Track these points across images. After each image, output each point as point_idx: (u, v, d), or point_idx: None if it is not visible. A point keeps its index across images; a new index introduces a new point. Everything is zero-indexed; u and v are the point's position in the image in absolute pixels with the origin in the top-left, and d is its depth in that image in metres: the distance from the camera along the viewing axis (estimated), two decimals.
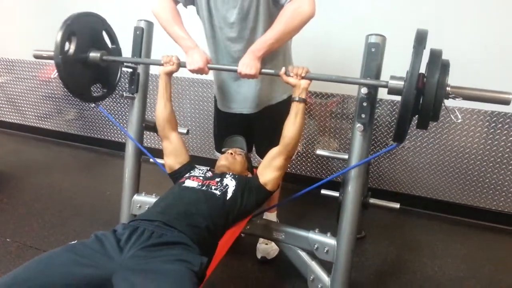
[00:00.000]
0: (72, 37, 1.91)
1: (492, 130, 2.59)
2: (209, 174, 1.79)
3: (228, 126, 2.18)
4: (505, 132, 2.56)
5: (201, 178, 1.74)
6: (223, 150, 2.02)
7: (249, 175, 1.97)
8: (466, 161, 2.71)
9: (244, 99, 2.06)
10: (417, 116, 1.46)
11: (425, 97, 1.39)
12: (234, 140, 2.04)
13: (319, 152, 1.91)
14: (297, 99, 1.66)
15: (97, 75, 2.09)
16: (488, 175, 2.68)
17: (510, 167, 2.62)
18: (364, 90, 1.61)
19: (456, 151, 2.71)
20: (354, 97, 2.76)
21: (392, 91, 1.52)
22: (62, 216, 2.71)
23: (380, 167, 2.94)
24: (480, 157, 2.67)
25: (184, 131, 2.12)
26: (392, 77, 1.52)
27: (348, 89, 2.82)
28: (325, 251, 1.85)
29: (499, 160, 2.63)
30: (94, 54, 1.98)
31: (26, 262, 1.23)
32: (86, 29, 1.98)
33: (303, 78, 1.64)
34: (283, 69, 1.66)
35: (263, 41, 1.71)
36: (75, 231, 2.53)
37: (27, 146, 4.04)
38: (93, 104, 2.16)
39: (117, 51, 2.15)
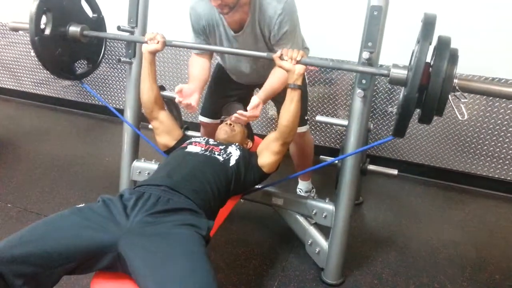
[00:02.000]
0: (47, 13, 1.79)
1: (491, 102, 2.57)
2: (212, 141, 1.79)
3: (225, 92, 2.16)
4: (503, 104, 2.55)
5: (203, 143, 1.74)
6: (222, 118, 2.01)
7: (250, 143, 1.97)
8: (465, 128, 2.71)
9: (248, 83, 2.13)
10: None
11: (429, 90, 1.26)
12: (232, 107, 2.02)
13: (319, 118, 1.90)
14: (292, 86, 1.57)
15: (80, 51, 2.00)
16: (487, 142, 2.69)
17: (509, 134, 2.62)
18: (365, 55, 1.58)
19: (455, 118, 2.70)
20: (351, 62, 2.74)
21: (394, 81, 1.43)
22: (61, 181, 2.72)
23: (379, 134, 2.94)
24: (479, 124, 2.66)
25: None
26: (395, 66, 1.43)
27: (346, 54, 2.78)
28: (323, 216, 1.87)
29: (497, 127, 2.63)
30: (73, 29, 1.88)
31: (32, 223, 1.25)
32: (63, 2, 1.85)
33: (298, 62, 1.55)
34: (279, 52, 1.57)
35: (269, 91, 1.79)
36: (75, 196, 2.54)
37: (24, 112, 4.01)
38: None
39: (100, 20, 2.07)
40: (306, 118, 2.18)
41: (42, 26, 1.81)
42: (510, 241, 2.31)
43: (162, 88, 2.17)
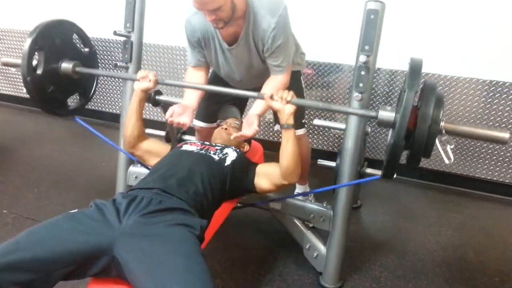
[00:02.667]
0: (39, 52, 1.80)
1: (490, 99, 2.58)
2: (208, 142, 1.78)
3: (222, 96, 2.15)
4: (502, 101, 2.55)
5: (199, 143, 1.73)
6: (217, 122, 2.00)
7: (247, 147, 1.96)
8: None
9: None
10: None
11: (416, 135, 1.29)
12: (228, 111, 2.01)
13: (317, 122, 1.89)
14: (285, 126, 1.55)
15: (72, 86, 2.01)
16: (485, 145, 2.69)
17: None
18: (362, 59, 1.58)
19: (453, 120, 2.70)
20: (348, 65, 2.74)
21: (382, 124, 1.44)
22: (57, 187, 2.70)
23: (377, 137, 2.94)
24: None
25: (180, 100, 2.08)
26: (383, 108, 1.44)
27: (343, 58, 2.79)
28: (321, 220, 1.86)
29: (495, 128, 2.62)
30: (66, 66, 1.89)
31: (27, 230, 1.23)
32: (55, 39, 1.87)
33: (288, 102, 1.53)
34: (269, 92, 1.57)
35: (264, 105, 1.74)
36: (71, 202, 2.53)
37: (20, 118, 3.99)
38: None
39: (92, 54, 2.08)
40: (303, 121, 2.17)
41: (35, 62, 1.82)
42: (509, 243, 2.30)
43: (158, 92, 2.16)
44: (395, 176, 1.92)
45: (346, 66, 2.83)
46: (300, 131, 2.14)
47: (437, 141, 1.32)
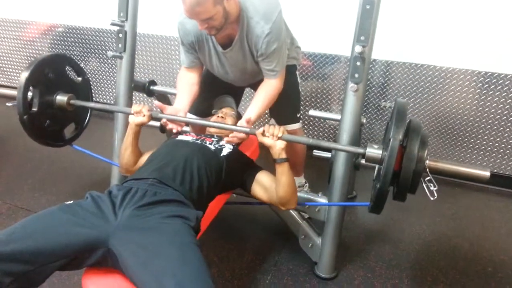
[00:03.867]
0: (33, 89, 1.84)
1: (485, 91, 2.58)
2: (204, 134, 1.78)
3: (215, 90, 2.14)
4: (497, 93, 2.56)
5: (194, 134, 1.73)
6: (213, 111, 1.99)
7: None
8: (459, 122, 2.71)
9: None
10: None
11: (403, 173, 1.36)
12: (223, 100, 2.01)
13: (312, 113, 1.89)
14: (278, 160, 1.55)
15: (67, 117, 2.05)
16: (479, 136, 2.70)
17: (501, 128, 2.63)
18: (358, 49, 1.57)
19: (448, 112, 2.71)
20: (344, 56, 2.73)
21: (369, 160, 1.49)
22: (52, 178, 2.69)
23: (372, 129, 2.94)
24: (472, 118, 2.67)
25: (175, 91, 2.10)
26: (370, 146, 1.49)
27: (339, 48, 2.78)
28: (316, 210, 1.87)
29: (490, 121, 2.64)
30: (60, 99, 1.92)
31: (21, 220, 1.23)
32: (48, 74, 1.89)
33: (279, 138, 1.54)
34: (261, 129, 1.57)
35: (260, 110, 1.80)
36: (66, 192, 2.52)
37: (14, 109, 3.95)
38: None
39: (85, 82, 2.10)
40: (298, 115, 2.17)
41: (29, 99, 1.85)
42: (502, 234, 2.32)
43: (153, 83, 2.16)
44: None
45: (342, 57, 2.82)
46: (296, 125, 2.14)
47: (422, 179, 1.43)
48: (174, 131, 1.79)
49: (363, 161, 1.96)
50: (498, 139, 2.66)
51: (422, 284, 1.92)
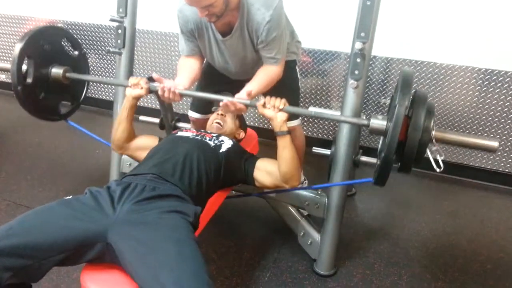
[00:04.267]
0: (28, 60, 1.79)
1: (485, 88, 2.57)
2: (204, 130, 1.77)
3: (215, 85, 2.13)
4: (498, 90, 2.55)
5: (194, 130, 1.72)
6: (212, 109, 1.99)
7: (242, 133, 1.96)
8: (458, 119, 2.71)
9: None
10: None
11: (408, 143, 1.32)
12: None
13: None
14: (279, 133, 1.55)
15: (63, 91, 2.00)
16: (479, 133, 2.69)
17: (501, 125, 2.62)
18: (358, 45, 1.56)
19: (448, 108, 2.70)
20: (344, 53, 2.73)
21: (374, 132, 1.46)
22: (51, 174, 2.69)
23: None
24: (471, 115, 2.67)
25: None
26: (375, 117, 1.46)
27: (339, 45, 2.77)
28: (315, 207, 1.87)
29: (490, 118, 2.63)
30: (56, 71, 1.88)
31: (20, 215, 1.23)
32: (44, 46, 1.86)
33: (280, 110, 1.54)
34: (262, 100, 1.57)
35: (259, 87, 1.75)
36: (65, 189, 2.52)
37: (13, 105, 3.92)
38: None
39: (82, 57, 2.07)
40: None
41: (24, 67, 1.81)
42: (501, 231, 2.32)
43: (151, 79, 2.14)
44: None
45: (342, 54, 2.81)
46: (295, 122, 2.13)
47: (428, 150, 1.38)
48: (171, 97, 1.74)
49: (362, 158, 1.97)
50: (498, 136, 2.66)
51: (421, 282, 1.92)
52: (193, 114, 2.24)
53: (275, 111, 1.54)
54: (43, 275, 1.20)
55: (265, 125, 3.17)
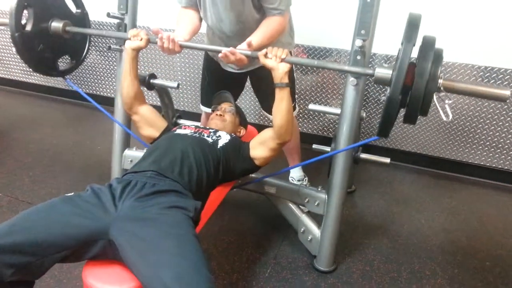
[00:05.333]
0: (28, 9, 1.76)
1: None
2: (202, 125, 1.78)
3: (219, 81, 2.14)
4: None
5: (193, 126, 1.73)
6: (212, 107, 1.99)
7: (243, 131, 1.97)
8: (458, 116, 2.71)
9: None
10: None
11: (413, 91, 1.26)
12: (222, 96, 2.00)
13: (312, 107, 1.89)
14: (279, 84, 1.56)
15: (63, 47, 1.98)
16: (478, 131, 2.70)
17: (500, 123, 2.63)
18: (358, 43, 1.57)
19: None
20: (344, 50, 2.73)
21: (379, 81, 1.43)
22: (52, 170, 2.70)
23: (372, 123, 2.95)
24: (471, 112, 2.67)
25: (175, 85, 2.09)
26: (380, 66, 1.43)
27: (339, 42, 2.77)
28: (316, 204, 1.88)
29: (489, 116, 2.64)
30: (56, 25, 1.85)
31: (22, 212, 1.24)
32: None
33: (282, 60, 1.54)
34: (264, 50, 1.55)
35: (262, 38, 1.70)
36: (67, 185, 2.53)
37: (14, 101, 3.96)
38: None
39: (83, 16, 2.04)
40: (293, 104, 2.14)
41: (24, 21, 1.77)
42: (500, 228, 2.33)
43: (153, 76, 2.15)
44: (389, 161, 1.95)
45: (342, 51, 2.81)
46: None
47: (435, 98, 1.30)
48: (171, 47, 1.72)
49: (362, 155, 1.98)
50: (497, 134, 2.66)
51: (420, 278, 1.93)
52: (205, 109, 2.25)
53: (277, 61, 1.53)
54: (45, 271, 1.21)
55: (266, 122, 3.18)
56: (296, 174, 2.48)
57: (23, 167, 2.73)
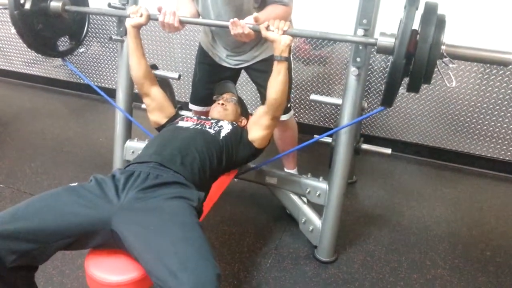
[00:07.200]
0: None
1: (486, 76, 2.57)
2: (204, 116, 1.78)
3: (210, 77, 2.11)
4: (499, 78, 2.54)
5: (195, 118, 1.74)
6: (214, 97, 1.99)
7: (244, 121, 1.96)
8: (459, 107, 2.71)
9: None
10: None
11: (417, 57, 1.25)
12: (224, 86, 2.00)
13: (313, 97, 1.89)
14: (279, 58, 1.55)
15: (62, 27, 1.97)
16: (480, 121, 2.70)
17: (502, 113, 2.62)
18: (360, 32, 1.56)
19: (449, 97, 2.70)
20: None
21: (381, 50, 1.41)
22: (54, 162, 2.71)
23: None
24: (473, 103, 2.67)
25: (176, 75, 2.09)
26: (382, 34, 1.41)
27: (342, 32, 2.75)
28: (317, 194, 1.88)
29: (491, 106, 2.63)
30: (55, 4, 1.84)
31: (26, 200, 1.25)
32: None
33: (284, 33, 1.52)
34: (266, 23, 1.54)
35: (267, 16, 1.65)
36: (69, 176, 2.54)
37: (15, 93, 3.95)
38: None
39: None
40: (288, 105, 2.10)
41: (22, 1, 1.76)
42: (501, 219, 2.34)
43: (154, 67, 2.15)
44: (390, 152, 1.95)
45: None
46: (286, 116, 2.09)
47: (438, 65, 1.30)
48: (171, 22, 1.70)
49: (363, 145, 1.98)
50: (499, 124, 2.66)
51: (421, 268, 1.94)
52: (193, 107, 2.23)
53: (279, 33, 1.52)
54: (47, 259, 1.22)
55: None
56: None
57: (26, 158, 2.74)
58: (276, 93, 1.60)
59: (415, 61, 1.26)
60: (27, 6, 1.77)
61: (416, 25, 1.27)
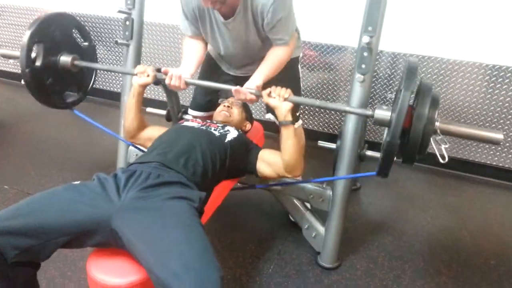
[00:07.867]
0: (38, 44, 1.81)
1: (492, 84, 2.56)
2: (210, 120, 1.78)
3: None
4: (505, 86, 2.54)
5: (200, 120, 1.74)
6: (219, 101, 1.99)
7: (248, 125, 1.96)
8: (464, 115, 2.70)
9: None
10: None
11: (412, 133, 1.33)
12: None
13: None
14: (284, 122, 1.56)
15: (70, 79, 2.03)
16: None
17: (508, 121, 2.61)
18: (365, 39, 1.56)
19: (455, 104, 2.70)
20: (350, 47, 2.72)
21: (378, 123, 1.47)
22: (59, 164, 2.71)
23: None
24: (478, 111, 2.66)
25: None
26: (379, 107, 1.47)
27: (347, 39, 2.76)
28: (320, 200, 1.88)
29: (497, 114, 2.62)
30: (64, 59, 1.90)
31: (28, 197, 1.26)
32: (54, 32, 1.88)
33: (285, 100, 1.56)
34: (268, 89, 1.58)
35: (261, 76, 1.73)
36: (73, 178, 2.53)
37: (21, 95, 3.97)
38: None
39: (91, 48, 2.09)
40: (298, 114, 2.11)
41: (33, 55, 1.83)
42: (505, 227, 2.32)
43: (159, 71, 2.15)
44: (395, 159, 1.94)
45: (349, 48, 2.80)
46: (295, 125, 2.09)
47: (432, 141, 1.38)
48: (177, 84, 1.76)
49: (367, 152, 1.97)
50: (505, 132, 2.65)
51: (424, 276, 1.93)
52: (193, 113, 2.24)
53: (280, 100, 1.56)
54: (49, 255, 1.23)
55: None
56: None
57: (30, 160, 2.75)
58: (290, 158, 1.58)
59: (410, 138, 1.34)
60: (38, 63, 1.84)
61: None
